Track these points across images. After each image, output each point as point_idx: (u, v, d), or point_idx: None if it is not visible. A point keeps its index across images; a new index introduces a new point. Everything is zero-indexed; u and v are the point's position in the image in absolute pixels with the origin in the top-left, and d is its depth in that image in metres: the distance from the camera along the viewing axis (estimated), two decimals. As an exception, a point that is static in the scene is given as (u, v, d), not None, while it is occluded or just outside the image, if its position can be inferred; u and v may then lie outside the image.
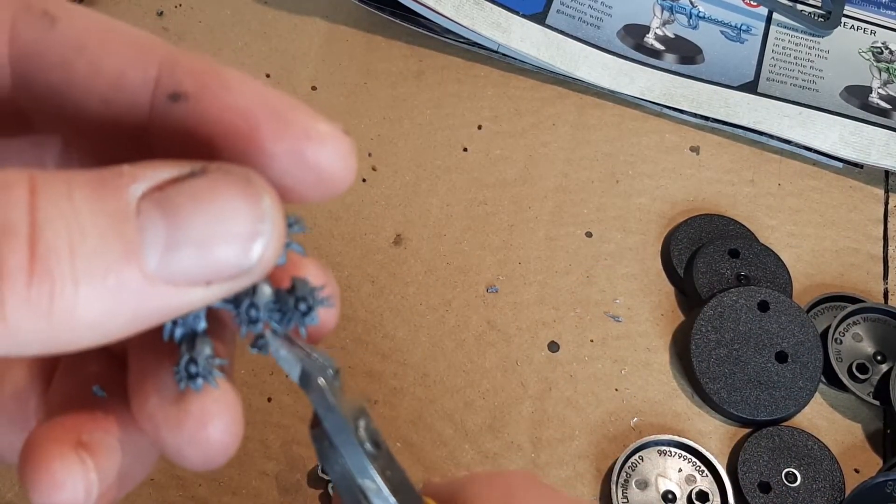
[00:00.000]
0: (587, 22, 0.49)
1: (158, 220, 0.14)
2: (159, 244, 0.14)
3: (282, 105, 0.16)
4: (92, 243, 0.14)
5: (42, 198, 0.13)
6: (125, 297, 0.14)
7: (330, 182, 0.16)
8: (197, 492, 0.37)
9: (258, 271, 0.15)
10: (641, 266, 0.44)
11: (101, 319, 0.14)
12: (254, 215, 0.15)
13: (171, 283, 0.14)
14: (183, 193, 0.14)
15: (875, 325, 0.42)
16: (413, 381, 0.40)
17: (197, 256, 0.14)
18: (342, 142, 0.16)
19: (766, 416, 0.39)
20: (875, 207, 0.46)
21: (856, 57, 0.50)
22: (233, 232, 0.15)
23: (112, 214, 0.14)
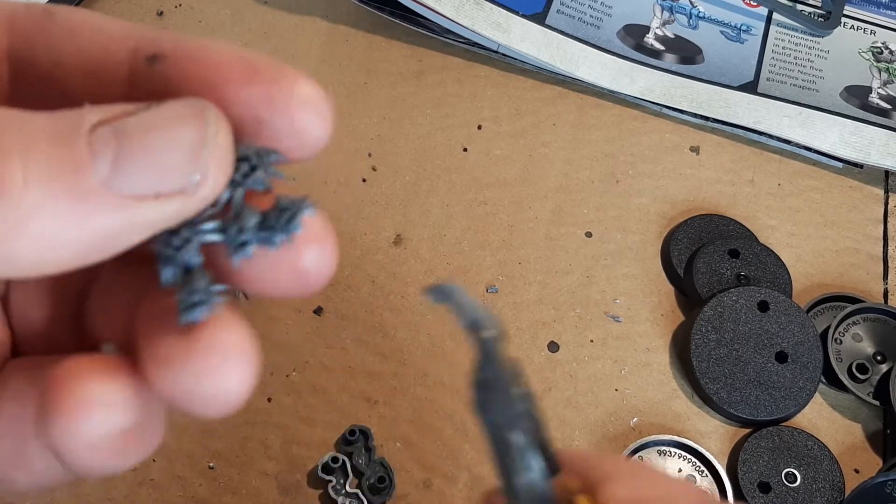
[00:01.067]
0: (587, 22, 0.49)
1: (108, 135, 0.15)
2: (108, 157, 0.14)
3: (255, 58, 0.17)
4: (42, 151, 0.14)
5: (0, 114, 0.14)
6: (73, 211, 0.14)
7: (305, 130, 0.16)
8: (197, 492, 0.37)
9: (207, 187, 0.15)
10: (641, 266, 0.44)
11: (48, 235, 0.14)
12: (199, 128, 0.15)
13: (120, 195, 0.14)
14: (134, 118, 0.15)
15: (875, 325, 0.42)
16: (413, 381, 0.40)
17: (143, 169, 0.15)
18: (313, 91, 0.17)
19: (766, 417, 0.39)
20: (875, 207, 0.46)
21: (856, 57, 0.50)
22: (179, 142, 0.15)
23: (64, 131, 0.14)
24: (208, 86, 0.16)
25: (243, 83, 0.16)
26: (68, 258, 0.14)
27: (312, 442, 0.38)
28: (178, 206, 0.15)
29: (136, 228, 0.15)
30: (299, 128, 0.16)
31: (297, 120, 0.16)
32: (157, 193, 0.15)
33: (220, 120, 0.16)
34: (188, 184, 0.15)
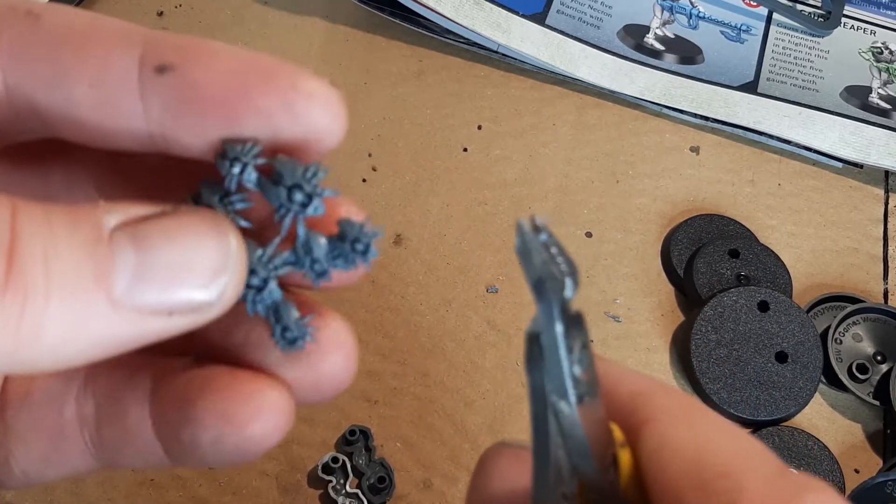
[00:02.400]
0: (587, 22, 0.49)
1: (129, 248, 0.15)
2: (128, 271, 0.15)
3: (267, 63, 0.16)
4: (65, 263, 0.14)
5: (22, 218, 0.14)
6: (89, 320, 0.14)
7: (321, 132, 0.17)
8: (197, 492, 0.37)
9: (218, 307, 0.16)
10: (641, 266, 0.44)
11: (63, 341, 0.14)
12: (219, 253, 0.15)
13: (135, 310, 0.15)
14: (154, 227, 0.15)
15: (875, 325, 0.42)
16: (413, 381, 0.40)
17: (162, 287, 0.15)
18: (328, 93, 0.17)
19: (766, 417, 0.39)
20: (875, 207, 0.46)
21: (856, 57, 0.50)
22: (198, 267, 0.15)
23: (86, 238, 0.14)
24: (223, 97, 0.16)
25: (260, 93, 0.16)
26: (72, 361, 0.15)
27: (312, 442, 0.38)
28: (189, 321, 0.15)
29: (144, 339, 0.15)
30: (317, 129, 0.17)
31: (315, 123, 0.16)
32: (171, 311, 0.15)
33: (237, 238, 0.16)
34: (203, 305, 0.15)
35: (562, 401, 0.15)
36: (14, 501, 0.37)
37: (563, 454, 0.16)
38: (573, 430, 0.15)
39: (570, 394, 0.15)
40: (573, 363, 0.15)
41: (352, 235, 0.17)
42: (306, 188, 0.16)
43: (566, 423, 0.15)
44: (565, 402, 0.15)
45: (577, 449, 0.16)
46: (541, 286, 0.15)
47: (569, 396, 0.15)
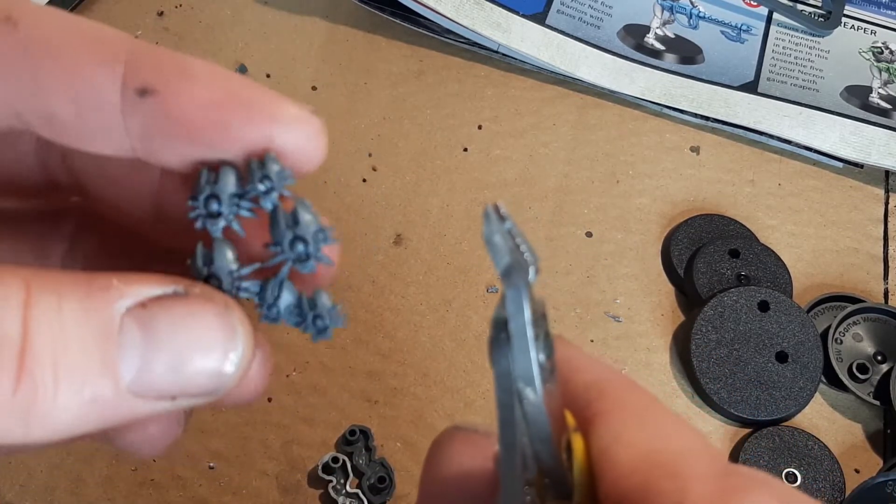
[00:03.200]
0: (587, 22, 0.49)
1: (138, 338, 0.15)
2: (135, 362, 0.15)
3: (248, 92, 0.16)
4: (75, 357, 0.14)
5: (35, 310, 0.14)
6: (96, 407, 0.15)
7: (300, 162, 0.17)
8: (197, 492, 0.37)
9: (221, 393, 0.16)
10: (642, 266, 0.44)
11: (71, 424, 0.15)
12: (225, 344, 0.16)
13: (140, 397, 0.15)
14: (164, 315, 0.15)
15: (875, 325, 0.42)
16: (413, 381, 0.40)
17: (168, 376, 0.15)
18: (309, 123, 0.17)
19: (767, 417, 0.39)
20: (875, 207, 0.46)
21: (856, 57, 0.50)
22: (203, 358, 0.16)
23: (96, 329, 0.15)
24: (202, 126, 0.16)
25: (240, 125, 0.16)
26: (75, 436, 0.15)
27: (313, 442, 0.38)
28: (190, 404, 0.16)
29: (149, 415, 0.16)
30: (297, 160, 0.17)
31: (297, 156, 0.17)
32: (174, 396, 0.16)
33: (245, 331, 0.16)
34: (206, 392, 0.16)
35: (528, 387, 0.15)
36: (15, 501, 0.37)
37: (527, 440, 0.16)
38: (537, 416, 0.15)
39: (537, 380, 0.15)
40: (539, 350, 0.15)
41: (320, 311, 0.17)
42: (310, 247, 0.17)
43: (530, 409, 0.15)
44: (531, 388, 0.15)
45: (539, 435, 0.16)
46: (509, 273, 0.15)
47: (535, 383, 0.15)
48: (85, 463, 0.37)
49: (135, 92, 0.16)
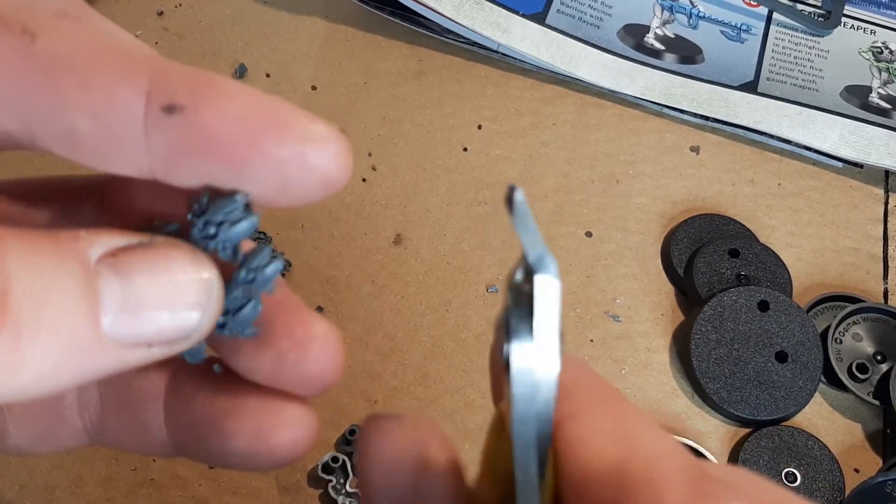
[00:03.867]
0: (587, 22, 0.49)
1: (115, 282, 0.15)
2: (114, 306, 0.15)
3: (279, 110, 0.16)
4: (55, 300, 0.14)
5: (10, 254, 0.14)
6: (74, 354, 0.15)
7: (329, 182, 0.17)
8: (197, 491, 0.37)
9: (195, 338, 0.16)
10: (641, 266, 0.44)
11: (50, 374, 0.14)
12: (198, 286, 0.16)
13: (118, 343, 0.15)
14: (136, 260, 0.15)
15: (875, 324, 0.42)
16: (413, 380, 0.40)
17: (145, 320, 0.15)
18: (340, 142, 0.17)
19: (766, 416, 0.39)
20: (875, 207, 0.46)
21: (856, 57, 0.50)
22: (179, 301, 0.16)
23: (72, 274, 0.15)
24: (233, 143, 0.16)
25: (273, 143, 0.16)
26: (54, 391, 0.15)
27: (312, 442, 0.38)
28: (166, 352, 0.16)
29: (124, 368, 0.16)
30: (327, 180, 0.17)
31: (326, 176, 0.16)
32: (150, 343, 0.16)
33: (213, 272, 0.16)
34: (181, 337, 0.16)
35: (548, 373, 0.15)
36: (14, 501, 0.37)
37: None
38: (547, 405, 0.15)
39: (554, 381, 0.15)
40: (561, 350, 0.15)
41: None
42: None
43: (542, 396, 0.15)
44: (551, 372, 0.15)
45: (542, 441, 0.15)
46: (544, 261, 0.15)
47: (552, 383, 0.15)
48: (85, 463, 0.37)
49: (161, 108, 0.15)
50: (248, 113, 0.16)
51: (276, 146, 0.16)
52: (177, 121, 0.15)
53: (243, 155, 0.16)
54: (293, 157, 0.16)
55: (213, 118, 0.16)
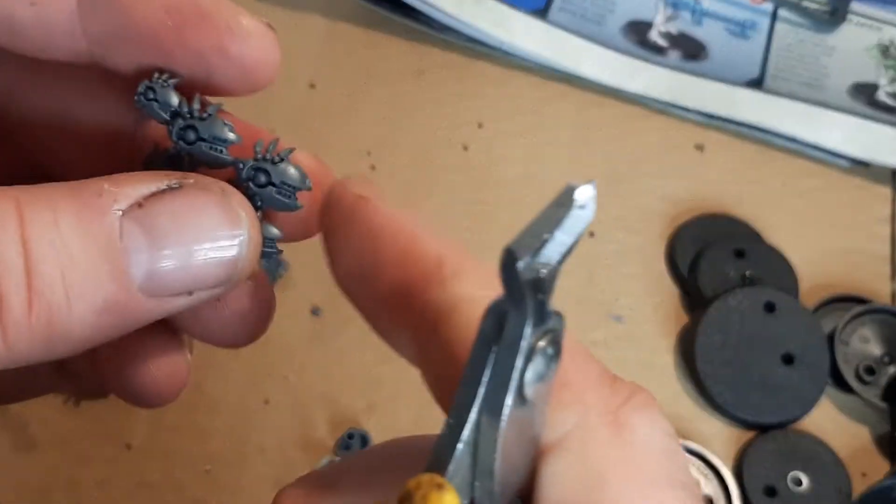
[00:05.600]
0: (590, 18, 0.49)
1: (141, 239, 0.15)
2: (143, 263, 0.15)
3: (205, 0, 0.16)
4: (82, 269, 0.14)
5: (31, 230, 0.14)
6: (114, 313, 0.15)
7: (254, 75, 0.17)
8: (194, 494, 0.37)
9: (236, 279, 0.16)
10: (645, 266, 0.43)
11: (91, 334, 0.15)
12: (230, 230, 0.16)
13: (155, 296, 0.15)
14: (163, 211, 0.15)
15: (882, 326, 0.41)
16: (412, 384, 0.40)
17: (179, 271, 0.15)
18: (265, 35, 0.17)
19: (772, 419, 0.39)
20: (882, 207, 0.46)
21: (862, 54, 0.49)
22: (212, 249, 0.15)
23: (97, 238, 0.15)
24: (155, 31, 0.16)
25: (193, 33, 0.16)
26: (95, 344, 0.15)
27: (310, 445, 0.38)
28: (208, 295, 0.16)
29: (168, 313, 0.16)
30: (250, 73, 0.17)
31: (250, 69, 0.17)
32: (190, 290, 0.16)
33: (247, 212, 0.16)
34: (220, 281, 0.16)
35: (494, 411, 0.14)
36: (14, 502, 0.37)
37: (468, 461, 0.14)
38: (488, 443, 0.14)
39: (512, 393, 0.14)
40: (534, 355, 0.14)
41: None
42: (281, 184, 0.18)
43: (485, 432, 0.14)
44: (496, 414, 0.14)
45: (483, 466, 0.14)
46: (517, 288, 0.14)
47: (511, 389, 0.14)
48: (81, 465, 0.37)
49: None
50: (171, 2, 0.16)
51: (196, 37, 0.16)
52: (105, 6, 0.16)
53: (164, 43, 0.16)
54: (213, 48, 0.16)
55: (139, 5, 0.16)
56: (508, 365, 0.14)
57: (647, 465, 0.14)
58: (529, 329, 0.14)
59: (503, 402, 0.14)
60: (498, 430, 0.14)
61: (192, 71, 0.17)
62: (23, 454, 0.37)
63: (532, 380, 0.14)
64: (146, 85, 0.17)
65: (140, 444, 0.38)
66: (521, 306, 0.13)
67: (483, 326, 0.14)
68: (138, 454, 0.37)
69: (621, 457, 0.14)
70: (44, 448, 0.37)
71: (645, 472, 0.14)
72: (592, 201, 0.14)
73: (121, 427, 0.38)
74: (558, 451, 0.14)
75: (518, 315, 0.14)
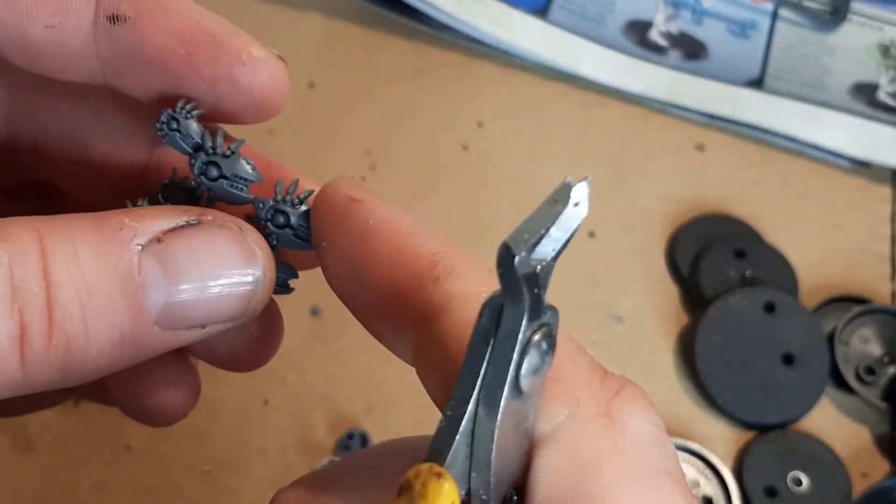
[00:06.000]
0: (590, 18, 0.49)
1: (159, 275, 0.15)
2: (160, 298, 0.15)
3: (217, 29, 0.17)
4: (100, 302, 0.15)
5: (52, 261, 0.14)
6: (129, 345, 0.15)
7: (263, 105, 0.17)
8: (193, 497, 0.37)
9: (249, 314, 0.16)
10: (645, 267, 0.43)
11: (106, 364, 0.15)
12: (245, 268, 0.16)
13: (171, 329, 0.16)
14: (181, 247, 0.15)
15: (883, 326, 0.41)
16: (412, 385, 0.40)
17: (194, 305, 0.16)
18: (275, 66, 0.17)
19: (772, 420, 0.39)
20: (882, 207, 0.46)
21: (863, 54, 0.49)
22: (227, 283, 0.16)
23: (116, 272, 0.15)
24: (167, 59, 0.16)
25: (204, 62, 0.16)
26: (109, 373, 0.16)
27: (310, 446, 0.38)
28: (222, 329, 0.16)
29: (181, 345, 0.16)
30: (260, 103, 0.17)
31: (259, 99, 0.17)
32: (205, 325, 0.16)
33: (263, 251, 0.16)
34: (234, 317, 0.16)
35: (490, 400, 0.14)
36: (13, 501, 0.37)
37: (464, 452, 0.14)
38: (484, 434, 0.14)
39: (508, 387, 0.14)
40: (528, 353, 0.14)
41: None
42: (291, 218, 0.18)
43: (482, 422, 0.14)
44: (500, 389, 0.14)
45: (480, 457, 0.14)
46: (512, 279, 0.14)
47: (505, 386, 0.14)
48: (79, 469, 0.37)
49: (106, 17, 0.16)
50: (184, 30, 0.16)
51: (207, 66, 0.17)
52: (119, 31, 0.16)
53: (178, 70, 0.16)
54: (223, 77, 0.17)
55: (152, 32, 0.16)
56: (505, 358, 0.14)
57: (637, 455, 0.14)
58: (525, 323, 0.14)
59: (500, 395, 0.14)
60: (495, 422, 0.14)
61: (203, 98, 0.17)
62: (21, 456, 0.37)
63: (528, 372, 0.14)
64: (169, 114, 0.17)
65: (139, 446, 0.37)
66: (518, 300, 0.14)
67: (480, 321, 0.14)
68: (137, 456, 0.37)
69: (612, 447, 0.14)
70: (42, 450, 0.37)
71: (635, 462, 0.14)
72: (586, 199, 0.14)
73: (120, 429, 0.37)
74: (551, 442, 0.14)
75: (515, 309, 0.14)
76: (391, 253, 0.16)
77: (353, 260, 0.17)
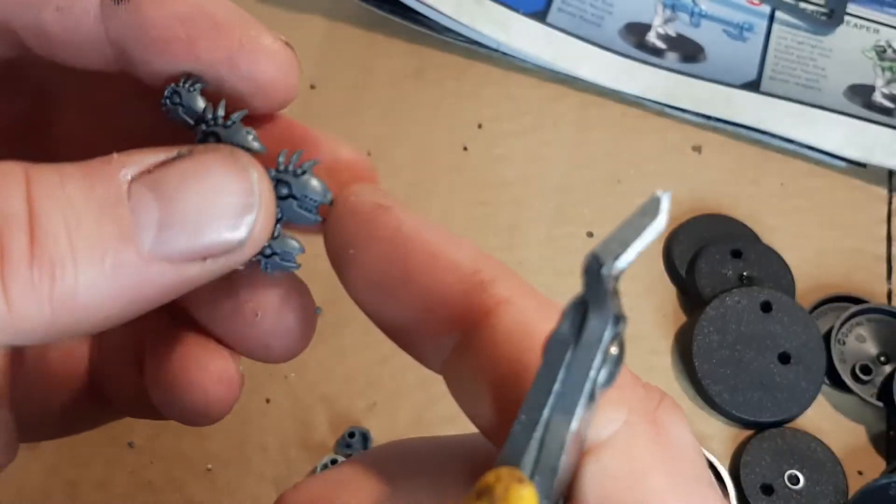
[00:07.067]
0: (588, 20, 0.49)
1: (150, 200, 0.15)
2: (153, 224, 0.15)
3: (220, 13, 0.16)
4: (87, 227, 0.14)
5: (37, 186, 0.14)
6: (124, 278, 0.14)
7: (268, 92, 0.17)
8: (194, 494, 0.37)
9: (251, 245, 0.16)
10: (643, 267, 0.43)
11: (101, 302, 0.14)
12: (242, 190, 0.15)
13: (168, 260, 0.15)
14: (172, 173, 0.15)
15: (879, 325, 0.42)
16: (413, 383, 0.40)
17: (190, 234, 0.15)
18: (279, 52, 0.17)
19: (769, 418, 0.39)
20: (879, 207, 0.46)
21: (859, 56, 0.50)
22: (223, 208, 0.15)
23: (104, 198, 0.14)
24: (168, 40, 0.16)
25: (204, 45, 0.16)
26: (116, 318, 0.15)
27: (311, 444, 0.38)
28: (225, 263, 0.15)
29: (185, 285, 0.15)
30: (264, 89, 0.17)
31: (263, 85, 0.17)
32: (204, 255, 0.15)
33: (259, 172, 0.16)
34: (234, 245, 0.15)
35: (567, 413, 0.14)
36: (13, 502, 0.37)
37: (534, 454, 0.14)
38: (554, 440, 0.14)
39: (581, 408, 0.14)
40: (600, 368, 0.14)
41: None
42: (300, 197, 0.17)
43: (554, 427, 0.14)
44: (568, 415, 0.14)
45: (547, 462, 0.14)
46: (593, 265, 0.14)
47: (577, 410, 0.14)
48: (80, 466, 0.37)
49: None
50: (186, 12, 0.16)
51: (208, 50, 0.16)
52: (123, 12, 0.16)
53: (179, 53, 0.16)
54: (223, 61, 0.16)
55: (155, 14, 0.16)
56: (586, 366, 0.14)
57: (683, 464, 0.15)
58: (609, 332, 0.14)
59: (577, 402, 0.14)
60: (568, 429, 0.14)
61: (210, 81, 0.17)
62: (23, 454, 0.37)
63: (603, 381, 0.14)
64: (172, 89, 0.17)
65: (141, 443, 0.38)
66: (604, 310, 0.14)
67: (560, 327, 0.14)
68: (139, 454, 0.38)
69: (662, 456, 0.15)
70: (44, 448, 0.37)
71: (682, 470, 0.15)
72: (667, 212, 0.14)
73: (122, 426, 0.38)
74: (605, 448, 0.14)
75: (600, 318, 0.14)
76: (428, 259, 0.16)
77: (386, 266, 0.16)
